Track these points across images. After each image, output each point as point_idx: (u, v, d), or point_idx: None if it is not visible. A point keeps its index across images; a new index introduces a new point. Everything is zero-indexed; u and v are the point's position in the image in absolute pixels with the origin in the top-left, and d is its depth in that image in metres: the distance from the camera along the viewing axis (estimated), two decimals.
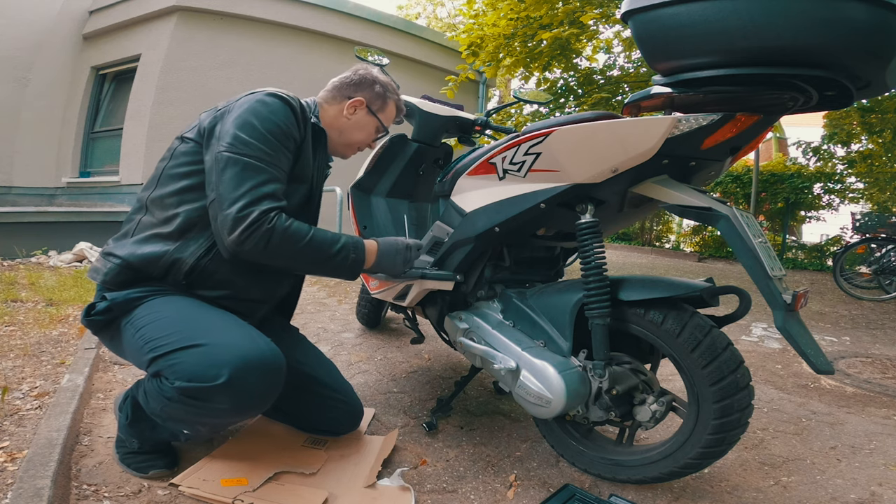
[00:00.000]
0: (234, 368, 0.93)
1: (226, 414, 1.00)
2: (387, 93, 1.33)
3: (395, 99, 1.35)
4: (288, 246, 1.05)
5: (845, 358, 2.51)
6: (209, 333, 0.99)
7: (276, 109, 1.10)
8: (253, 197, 1.02)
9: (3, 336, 2.02)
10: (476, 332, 1.31)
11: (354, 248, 1.15)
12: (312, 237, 1.08)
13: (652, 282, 1.10)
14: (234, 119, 1.07)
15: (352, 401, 1.35)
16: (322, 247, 1.10)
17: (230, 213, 1.01)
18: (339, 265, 1.14)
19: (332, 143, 1.32)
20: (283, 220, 1.05)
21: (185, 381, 0.94)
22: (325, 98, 1.31)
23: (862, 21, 0.78)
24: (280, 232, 1.04)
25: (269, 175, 1.06)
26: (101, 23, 6.12)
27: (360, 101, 1.29)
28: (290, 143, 1.13)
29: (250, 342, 1.00)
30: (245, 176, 1.03)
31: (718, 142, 0.98)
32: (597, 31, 5.14)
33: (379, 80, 1.32)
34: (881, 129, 6.01)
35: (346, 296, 3.39)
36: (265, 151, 1.06)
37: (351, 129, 1.31)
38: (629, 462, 1.17)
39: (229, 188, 1.03)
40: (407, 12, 16.28)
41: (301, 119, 1.16)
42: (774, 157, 9.84)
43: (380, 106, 1.32)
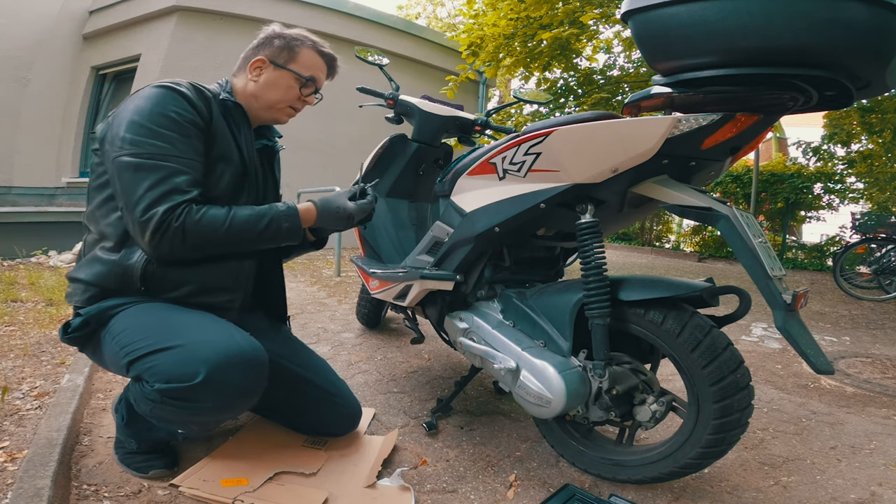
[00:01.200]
0: (212, 366, 0.92)
1: (210, 412, 0.99)
2: (291, 42, 1.23)
3: (308, 45, 1.25)
4: (207, 236, 1.03)
5: (845, 358, 2.51)
6: (184, 333, 0.98)
7: (161, 100, 1.04)
8: (153, 197, 0.98)
9: (3, 336, 2.02)
10: (476, 332, 1.31)
11: (287, 218, 1.12)
12: (232, 221, 1.05)
13: (652, 282, 1.10)
14: (121, 121, 1.03)
15: (348, 402, 1.33)
16: (246, 227, 1.07)
17: (135, 218, 0.99)
18: (274, 237, 1.12)
19: (254, 111, 1.25)
20: (194, 212, 1.01)
21: (163, 382, 0.93)
22: (234, 72, 1.26)
23: (862, 21, 0.78)
24: (193, 225, 1.00)
25: (168, 170, 1.01)
26: (101, 23, 6.12)
27: (261, 59, 1.21)
28: (189, 128, 1.06)
29: (227, 338, 0.99)
30: (140, 177, 0.99)
31: (718, 142, 0.98)
32: (597, 31, 5.14)
33: (282, 34, 1.23)
34: (881, 129, 6.01)
35: (346, 296, 3.39)
36: (157, 146, 1.01)
37: (263, 91, 1.22)
38: (629, 462, 1.17)
39: (129, 193, 0.99)
40: (407, 12, 16.28)
41: (200, 100, 1.10)
42: (774, 157, 9.84)
43: (287, 57, 1.22)
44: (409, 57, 6.92)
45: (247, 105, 1.23)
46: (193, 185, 1.04)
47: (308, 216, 1.18)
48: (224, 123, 1.16)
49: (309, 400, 1.29)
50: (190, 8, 5.53)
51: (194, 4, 5.53)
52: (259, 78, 1.22)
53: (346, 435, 1.35)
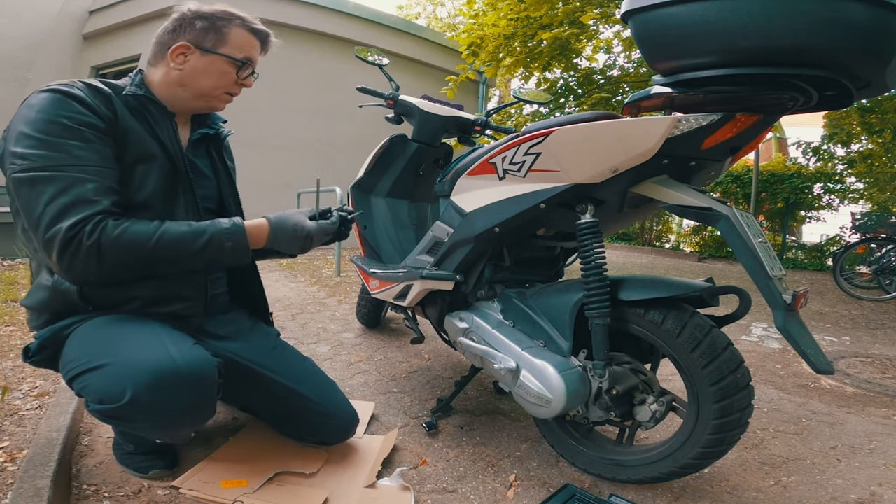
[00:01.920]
0: (137, 385, 0.85)
1: (154, 430, 0.94)
2: (217, 22, 1.09)
3: (237, 23, 1.11)
4: (129, 255, 0.91)
5: (845, 358, 2.51)
6: (114, 351, 0.91)
7: (46, 105, 0.93)
8: (54, 212, 0.87)
9: (3, 336, 2.02)
10: (476, 332, 1.31)
11: (230, 236, 1.00)
12: (161, 237, 0.94)
13: (652, 282, 1.10)
14: (10, 135, 0.93)
15: (339, 413, 1.25)
16: (179, 245, 0.96)
17: (40, 239, 0.88)
18: (213, 258, 1.00)
19: (183, 101, 1.12)
20: (111, 227, 0.90)
21: (96, 403, 0.89)
22: (149, 60, 1.12)
23: (862, 21, 0.78)
24: (110, 242, 0.89)
25: (67, 180, 0.89)
26: (101, 23, 6.12)
27: (184, 45, 1.07)
28: (86, 132, 0.94)
29: (160, 355, 0.90)
30: (38, 191, 0.88)
31: (718, 142, 0.98)
32: (597, 31, 5.14)
33: (201, 14, 1.08)
34: (881, 129, 6.01)
35: (346, 296, 3.39)
36: (49, 156, 0.89)
37: (192, 79, 1.09)
38: (629, 462, 1.17)
39: (28, 211, 0.89)
40: (407, 12, 16.28)
41: (97, 100, 0.98)
42: (774, 157, 9.84)
43: (215, 40, 1.09)
44: (409, 57, 6.92)
45: (169, 95, 1.11)
46: (103, 193, 0.92)
47: (259, 234, 1.06)
48: (133, 120, 1.03)
49: (294, 412, 1.23)
50: None
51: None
52: (184, 66, 1.08)
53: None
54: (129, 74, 1.12)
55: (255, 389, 1.22)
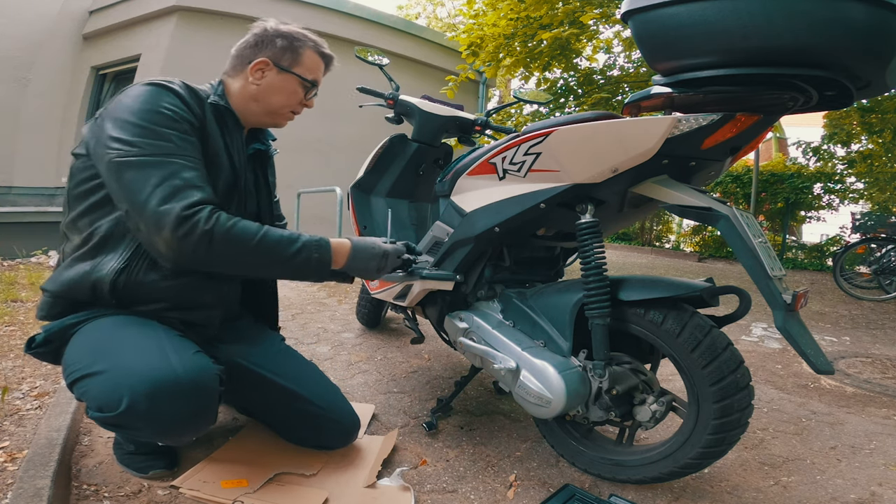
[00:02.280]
0: (135, 394, 0.85)
1: (153, 437, 0.93)
2: (294, 42, 1.15)
3: (309, 45, 1.17)
4: (234, 249, 0.94)
5: (845, 358, 2.51)
6: (113, 358, 0.91)
7: (151, 97, 0.97)
8: (164, 194, 0.90)
9: (3, 336, 2.02)
10: (476, 332, 1.31)
11: (318, 248, 1.03)
12: (264, 237, 0.96)
13: (652, 282, 1.10)
14: (112, 121, 0.96)
15: (342, 418, 1.25)
16: (276, 248, 0.98)
17: (147, 217, 0.90)
18: (299, 267, 1.02)
19: (254, 115, 1.18)
20: (225, 218, 0.93)
21: (95, 410, 0.89)
22: (227, 72, 1.17)
23: (862, 21, 0.78)
24: (223, 233, 0.92)
25: (174, 166, 0.93)
26: (101, 23, 6.12)
27: (264, 61, 1.13)
28: (185, 125, 0.99)
29: (159, 363, 0.89)
30: (145, 174, 0.91)
31: (718, 142, 0.98)
32: (597, 31, 5.14)
33: (282, 33, 1.14)
34: (881, 129, 6.01)
35: (346, 296, 3.39)
36: (156, 145, 0.94)
37: (265, 95, 1.15)
38: (629, 462, 1.17)
39: (135, 192, 0.91)
40: (407, 12, 16.28)
41: (192, 101, 1.04)
42: (774, 157, 9.84)
43: (291, 60, 1.15)
44: (409, 57, 6.92)
45: (243, 108, 1.16)
46: (205, 181, 0.97)
47: (341, 250, 1.07)
48: (216, 127, 1.09)
49: (297, 415, 1.23)
50: (190, 8, 5.54)
51: (194, 4, 5.53)
52: (261, 81, 1.14)
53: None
54: (210, 82, 1.16)
55: (260, 393, 1.22)
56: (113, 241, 1.00)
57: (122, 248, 1.00)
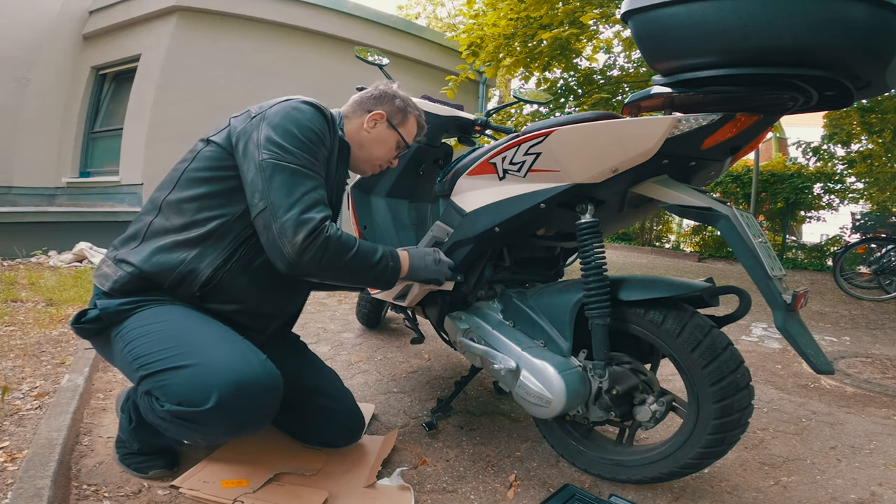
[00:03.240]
0: (224, 392, 0.89)
1: (220, 434, 0.97)
2: (407, 107, 1.30)
3: (415, 114, 1.32)
4: (340, 256, 1.04)
5: (845, 358, 2.51)
6: (199, 352, 0.94)
7: (313, 117, 1.09)
8: (308, 202, 1.01)
9: (3, 336, 2.02)
10: (476, 332, 1.31)
11: (392, 258, 1.15)
12: (359, 247, 1.08)
13: (652, 282, 1.10)
14: (273, 127, 1.05)
15: (352, 412, 1.31)
16: (366, 257, 1.09)
17: (288, 219, 0.99)
18: (379, 275, 1.13)
19: (354, 157, 1.29)
20: (336, 228, 1.05)
21: (174, 404, 0.90)
22: (347, 112, 1.29)
23: (862, 21, 0.78)
24: (335, 241, 1.02)
25: (316, 182, 1.05)
26: (101, 23, 6.11)
27: (381, 114, 1.26)
28: (325, 150, 1.12)
29: (243, 363, 0.95)
30: (296, 182, 1.02)
31: (718, 142, 0.98)
32: (597, 31, 5.14)
33: (399, 95, 1.29)
34: (881, 129, 6.01)
35: (346, 296, 3.39)
36: (308, 159, 1.05)
37: (371, 144, 1.28)
38: (629, 462, 1.17)
39: (281, 195, 1.00)
40: (407, 12, 16.27)
41: (332, 129, 1.15)
42: (774, 157, 9.84)
43: (400, 120, 1.29)
44: (409, 57, 6.91)
45: (351, 149, 1.27)
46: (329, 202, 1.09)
47: (405, 259, 1.19)
48: (335, 158, 1.19)
49: (311, 412, 1.26)
50: (190, 8, 5.53)
51: (194, 4, 5.52)
52: (373, 130, 1.26)
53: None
54: (334, 111, 1.25)
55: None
56: (217, 237, 1.07)
57: (224, 247, 1.07)
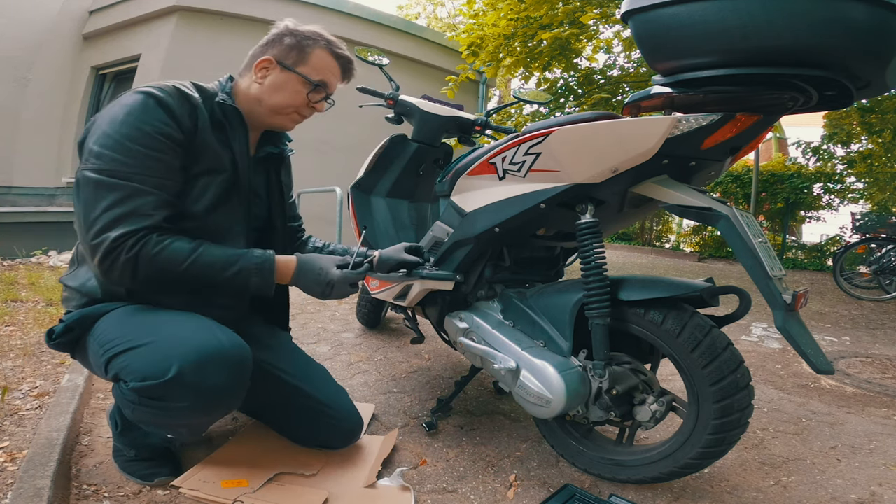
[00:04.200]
0: (185, 361, 0.87)
1: (188, 412, 0.93)
2: (303, 41, 1.12)
3: (321, 45, 1.13)
4: (162, 273, 0.95)
5: (845, 358, 2.51)
6: (160, 330, 0.94)
7: (135, 109, 0.95)
8: (107, 220, 0.91)
9: (3, 336, 2.02)
10: (476, 331, 1.31)
11: (258, 272, 1.02)
12: (195, 262, 0.96)
13: (652, 282, 1.10)
14: (95, 129, 0.96)
15: (346, 416, 1.26)
16: (210, 271, 0.98)
17: (87, 241, 0.92)
18: (238, 288, 1.02)
19: (259, 115, 1.15)
20: (152, 244, 0.93)
21: (138, 380, 0.89)
22: (240, 70, 1.16)
23: (862, 21, 0.78)
24: (147, 259, 0.92)
25: (129, 190, 0.92)
26: (101, 23, 6.12)
27: (268, 59, 1.11)
28: (164, 143, 0.96)
29: (206, 334, 0.93)
30: (99, 195, 0.91)
31: (718, 142, 0.98)
32: (597, 31, 5.14)
33: (293, 32, 1.12)
34: (881, 129, 6.01)
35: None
36: (122, 162, 0.92)
37: (267, 94, 1.12)
38: (629, 462, 1.17)
39: (85, 211, 0.92)
40: (407, 12, 16.28)
41: (184, 109, 1.00)
42: (774, 157, 9.84)
43: (296, 58, 1.12)
44: (409, 57, 6.91)
45: (249, 109, 1.15)
46: (159, 207, 0.96)
47: (285, 271, 1.08)
48: (212, 132, 1.06)
49: (303, 413, 1.23)
50: (190, 8, 5.53)
51: (194, 4, 5.53)
52: (264, 80, 1.12)
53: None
54: (220, 79, 1.15)
55: (267, 389, 1.22)
56: None
57: None
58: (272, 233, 1.28)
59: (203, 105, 1.06)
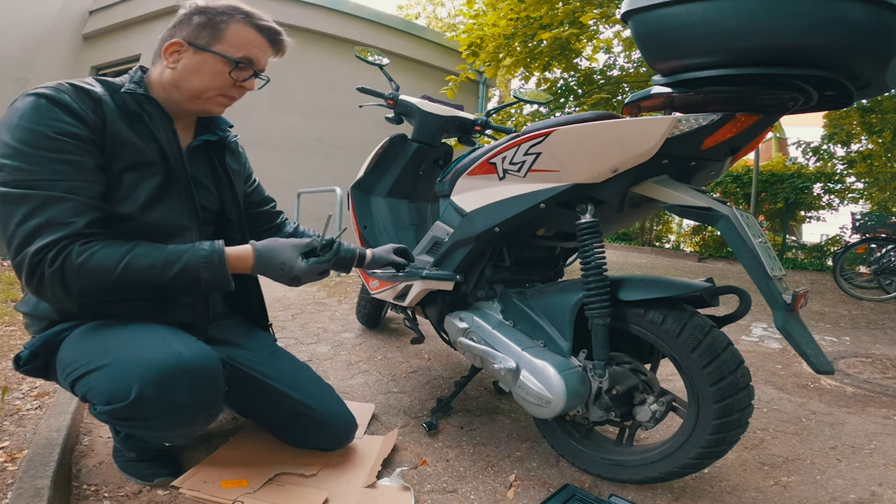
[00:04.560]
0: (144, 380, 0.84)
1: (164, 428, 0.91)
2: (215, 18, 1.00)
3: (238, 18, 1.02)
4: (94, 283, 0.87)
5: (845, 358, 2.51)
6: (118, 349, 0.89)
7: (29, 111, 0.86)
8: (23, 235, 0.84)
9: (3, 336, 2.02)
10: (476, 332, 1.31)
11: (207, 265, 0.94)
12: (128, 264, 0.88)
13: (652, 282, 1.10)
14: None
15: (336, 420, 1.22)
16: (149, 273, 0.90)
17: (12, 260, 0.86)
18: (189, 286, 0.94)
19: (179, 102, 1.04)
20: (75, 254, 0.85)
21: (104, 404, 0.87)
22: (151, 59, 1.06)
23: (862, 21, 0.78)
24: (73, 271, 0.85)
25: (40, 199, 0.84)
26: (101, 23, 6.12)
27: (178, 42, 1.00)
28: (69, 143, 0.87)
29: (165, 351, 0.88)
30: (9, 210, 0.84)
31: (718, 142, 0.98)
32: (597, 31, 5.14)
33: (204, 9, 1.01)
34: (881, 129, 6.01)
35: (346, 296, 3.39)
36: (25, 169, 0.84)
37: (183, 79, 1.01)
38: (629, 462, 1.17)
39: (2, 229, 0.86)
40: (407, 12, 16.28)
41: (85, 105, 0.91)
42: (774, 157, 9.84)
43: (209, 37, 1.00)
44: (409, 57, 6.92)
45: (167, 96, 1.04)
46: (78, 213, 0.87)
47: (241, 264, 0.99)
48: (125, 124, 0.96)
49: (289, 418, 1.21)
50: None
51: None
52: (177, 64, 1.01)
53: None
54: (129, 71, 1.05)
55: (252, 395, 1.21)
56: None
57: None
58: (227, 225, 1.20)
59: (110, 98, 0.96)
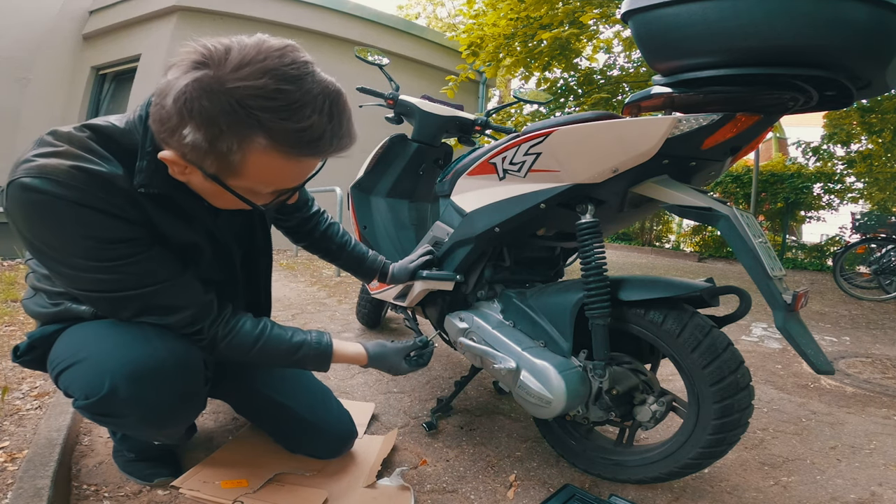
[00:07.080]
0: (116, 376, 0.82)
1: (141, 426, 0.90)
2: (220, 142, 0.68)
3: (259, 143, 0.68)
4: (234, 355, 0.98)
5: (845, 358, 2.51)
6: (96, 346, 0.88)
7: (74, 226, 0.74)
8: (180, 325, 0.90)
9: (3, 336, 2.02)
10: (476, 332, 1.31)
11: (316, 361, 1.07)
12: (261, 349, 0.98)
13: (652, 282, 1.10)
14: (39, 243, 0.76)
15: (331, 429, 1.22)
16: (276, 356, 1.01)
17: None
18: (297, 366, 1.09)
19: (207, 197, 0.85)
20: (221, 336, 0.94)
21: (82, 399, 0.85)
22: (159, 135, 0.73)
23: (862, 21, 0.78)
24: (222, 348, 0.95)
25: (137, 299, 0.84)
26: (101, 23, 6.12)
27: (178, 163, 0.73)
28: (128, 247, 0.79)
29: (142, 346, 0.86)
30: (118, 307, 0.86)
31: (718, 142, 0.98)
32: (597, 31, 5.14)
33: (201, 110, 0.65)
34: (881, 129, 6.02)
35: (346, 296, 3.39)
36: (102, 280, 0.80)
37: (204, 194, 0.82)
38: (629, 462, 1.17)
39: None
40: (407, 12, 16.28)
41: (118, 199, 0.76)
42: (774, 157, 9.84)
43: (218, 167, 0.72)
44: (409, 57, 6.92)
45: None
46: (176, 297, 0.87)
47: (355, 362, 1.17)
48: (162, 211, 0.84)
49: (287, 426, 1.21)
50: (190, 8, 5.54)
51: (194, 4, 5.53)
52: (190, 180, 0.78)
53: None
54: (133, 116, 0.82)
55: (245, 400, 1.21)
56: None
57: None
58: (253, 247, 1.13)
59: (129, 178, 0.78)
